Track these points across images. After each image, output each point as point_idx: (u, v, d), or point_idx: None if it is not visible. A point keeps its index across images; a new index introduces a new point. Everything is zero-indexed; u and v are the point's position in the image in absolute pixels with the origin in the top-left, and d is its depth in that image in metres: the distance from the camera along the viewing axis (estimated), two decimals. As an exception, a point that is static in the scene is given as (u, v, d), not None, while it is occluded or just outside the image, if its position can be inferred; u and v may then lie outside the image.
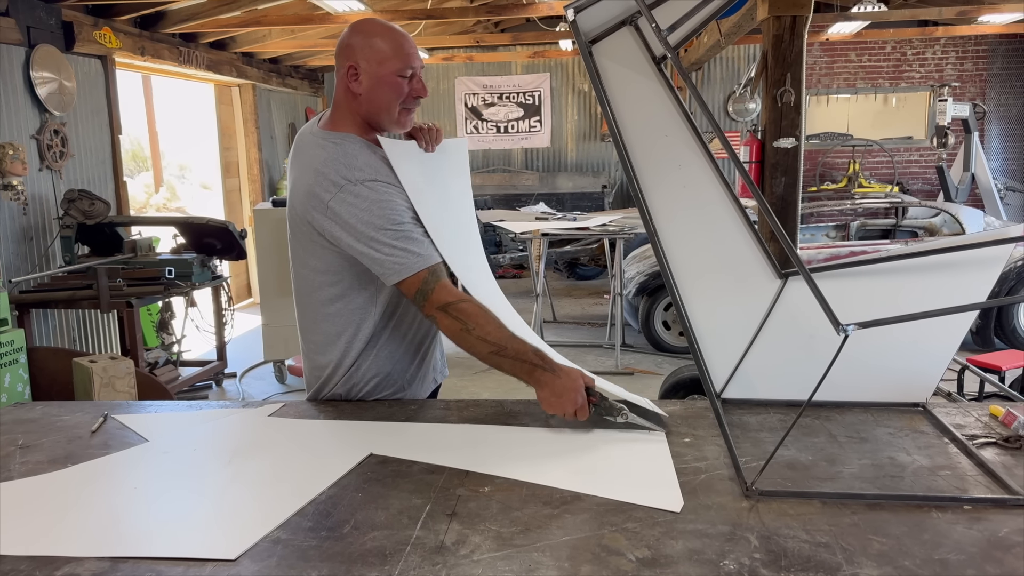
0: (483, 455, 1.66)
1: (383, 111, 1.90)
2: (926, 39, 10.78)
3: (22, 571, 1.23)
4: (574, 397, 1.71)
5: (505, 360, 1.75)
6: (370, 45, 1.86)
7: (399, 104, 1.90)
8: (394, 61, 1.86)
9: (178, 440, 1.79)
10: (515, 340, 1.76)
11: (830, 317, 1.35)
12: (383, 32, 1.88)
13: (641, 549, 1.25)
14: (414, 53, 1.90)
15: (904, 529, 1.30)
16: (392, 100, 1.89)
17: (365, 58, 1.86)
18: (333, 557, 1.25)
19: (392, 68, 1.86)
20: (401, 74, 1.87)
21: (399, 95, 1.89)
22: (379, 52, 1.86)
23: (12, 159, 4.77)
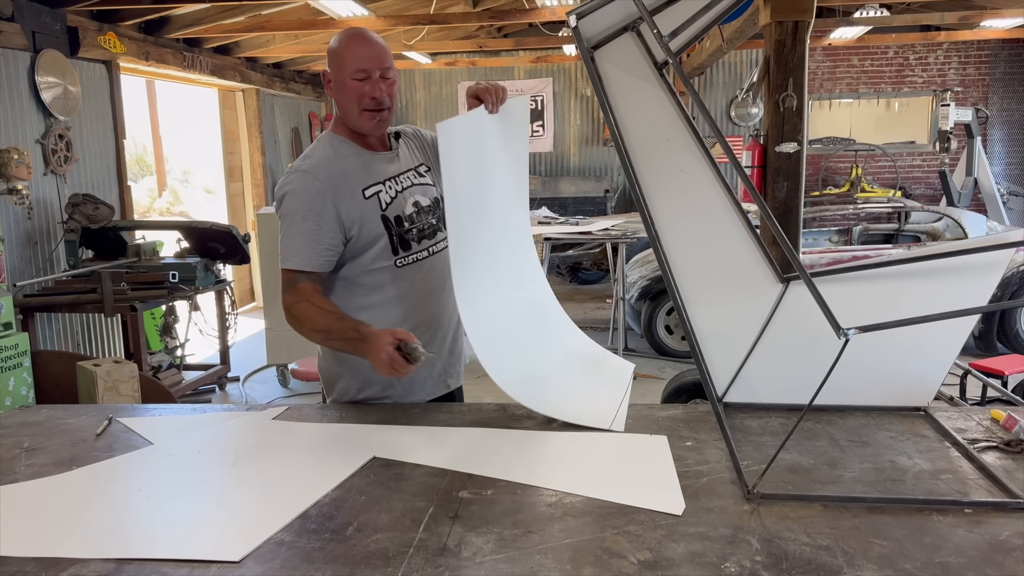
0: (485, 458, 1.67)
1: (347, 113, 2.04)
2: (929, 44, 10.79)
3: (28, 572, 1.24)
4: (382, 356, 1.75)
5: (335, 341, 1.93)
6: (334, 53, 2.01)
7: (358, 106, 2.00)
8: (348, 65, 1.97)
9: (182, 443, 1.80)
10: (340, 322, 1.89)
11: (831, 321, 1.35)
12: (346, 39, 2.00)
13: (643, 551, 1.26)
14: (371, 56, 1.98)
15: (905, 532, 1.31)
16: (350, 103, 2.01)
17: (331, 66, 2.02)
18: (337, 559, 1.26)
19: (348, 72, 1.98)
20: (355, 77, 1.97)
21: (356, 98, 1.99)
22: (338, 58, 1.99)
23: (17, 163, 4.79)
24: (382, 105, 2.01)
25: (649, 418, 1.90)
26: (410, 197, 2.08)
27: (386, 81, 2.00)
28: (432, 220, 2.11)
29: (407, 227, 2.05)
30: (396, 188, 2.07)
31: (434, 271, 2.10)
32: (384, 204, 2.03)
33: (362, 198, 2.00)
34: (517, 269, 2.15)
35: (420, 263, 2.08)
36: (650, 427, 1.83)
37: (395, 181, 2.08)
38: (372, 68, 1.97)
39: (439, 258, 2.10)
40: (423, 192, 2.11)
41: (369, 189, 2.03)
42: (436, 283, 2.09)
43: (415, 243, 2.07)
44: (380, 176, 2.06)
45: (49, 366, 4.44)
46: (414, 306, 2.07)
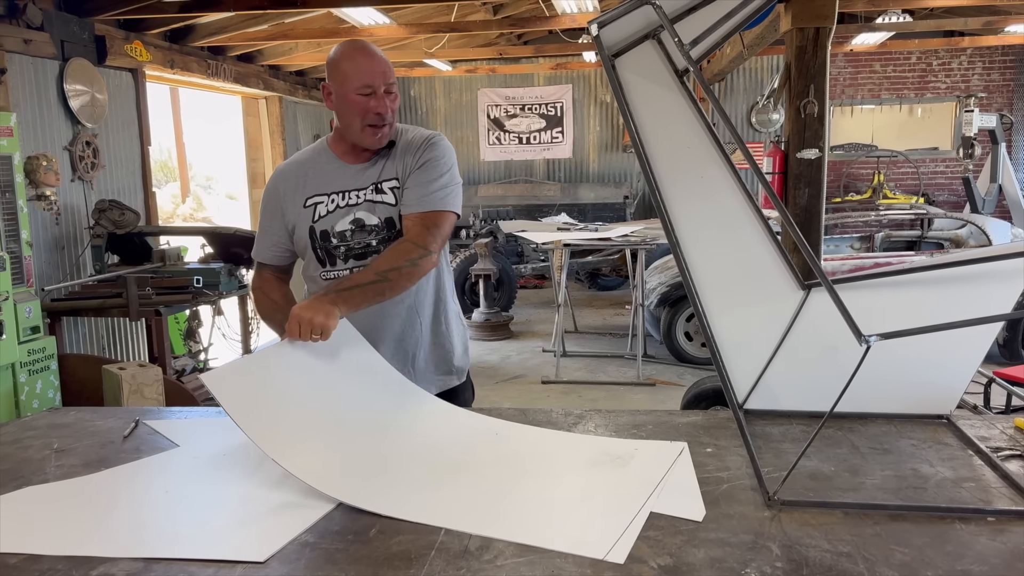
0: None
1: (348, 128, 2.04)
2: (952, 49, 10.70)
3: (59, 570, 1.27)
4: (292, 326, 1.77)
5: (274, 328, 2.06)
6: (335, 67, 2.00)
7: (361, 122, 2.00)
8: (352, 80, 1.96)
9: (208, 445, 1.82)
10: (276, 313, 2.04)
11: (852, 328, 1.35)
12: (348, 54, 1.99)
13: (663, 557, 1.27)
14: (376, 71, 1.97)
15: (926, 540, 1.31)
16: (353, 118, 2.00)
17: (332, 79, 2.01)
18: (360, 560, 1.28)
19: (351, 87, 1.97)
20: (360, 92, 1.97)
21: (360, 113, 1.98)
22: (341, 73, 1.98)
23: (46, 170, 4.87)
24: (385, 120, 2.01)
25: (669, 424, 1.90)
26: (351, 214, 2.05)
27: (389, 96, 2.00)
28: (371, 240, 2.05)
29: (334, 243, 2.05)
30: (340, 203, 2.05)
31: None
32: (317, 216, 2.06)
33: (302, 206, 2.08)
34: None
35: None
36: (670, 434, 1.83)
37: (343, 196, 2.06)
38: (377, 84, 1.97)
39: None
40: (372, 210, 2.05)
41: (312, 199, 2.07)
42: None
43: (341, 260, 2.07)
44: (331, 188, 2.07)
45: (75, 369, 4.51)
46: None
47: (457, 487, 1.55)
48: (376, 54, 2.00)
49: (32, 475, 1.68)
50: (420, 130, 2.16)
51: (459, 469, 1.64)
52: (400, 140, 2.11)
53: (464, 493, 1.52)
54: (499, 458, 1.70)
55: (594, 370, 6.38)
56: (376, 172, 2.09)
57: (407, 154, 2.09)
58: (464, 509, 1.44)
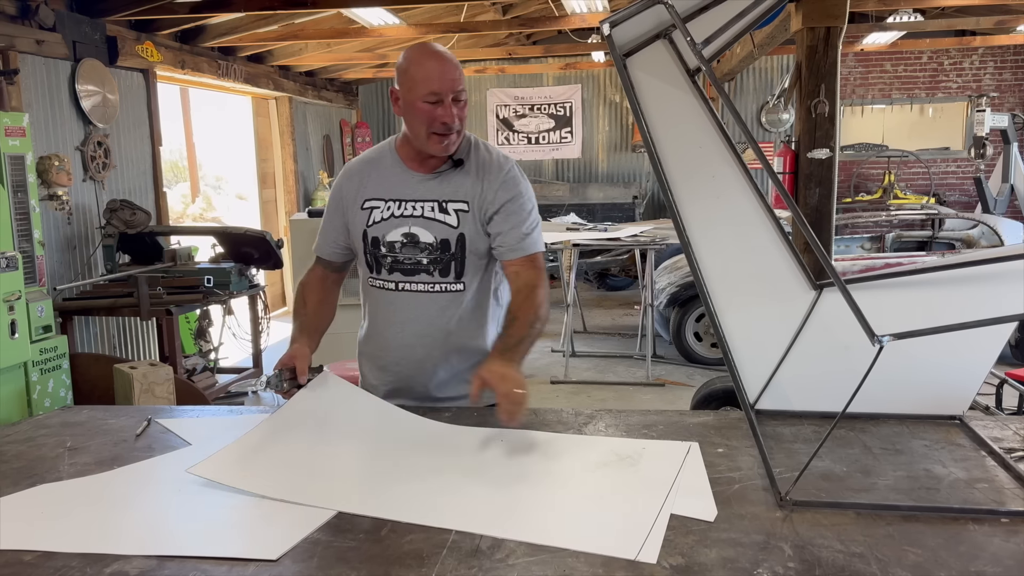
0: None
1: (415, 135, 1.98)
2: (963, 49, 10.64)
3: (74, 567, 1.27)
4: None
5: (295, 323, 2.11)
6: (405, 72, 1.94)
7: (427, 130, 1.93)
8: (419, 87, 1.90)
9: (219, 444, 1.83)
10: (297, 316, 2.11)
11: (865, 328, 1.35)
12: (418, 59, 1.93)
13: (675, 556, 1.27)
14: (444, 78, 1.90)
15: (940, 541, 1.30)
16: (419, 126, 1.94)
17: (400, 84, 1.96)
18: (372, 559, 1.28)
19: (418, 95, 1.91)
20: (427, 100, 1.90)
21: (426, 121, 1.92)
22: (410, 79, 1.93)
23: (58, 170, 4.90)
24: (452, 129, 1.94)
25: (680, 425, 1.90)
26: (405, 226, 2.00)
27: (458, 104, 1.93)
28: (422, 258, 2.00)
29: (383, 252, 2.02)
30: (395, 211, 2.01)
31: (396, 305, 2.04)
32: (371, 221, 2.03)
33: (359, 208, 2.06)
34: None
35: (386, 292, 2.05)
36: (681, 434, 1.83)
37: (400, 204, 2.02)
38: (445, 91, 1.90)
39: (407, 296, 2.02)
40: (428, 227, 2.00)
41: (369, 202, 2.05)
42: (397, 316, 2.04)
43: (386, 271, 2.03)
44: (390, 194, 2.03)
45: (87, 368, 4.54)
46: (378, 327, 2.10)
47: (469, 492, 1.54)
48: (446, 59, 1.93)
49: (46, 473, 1.69)
50: (493, 150, 2.10)
51: (469, 476, 1.63)
52: (472, 159, 2.04)
53: (477, 497, 1.52)
54: (509, 463, 1.69)
55: (603, 370, 6.38)
56: (441, 189, 2.02)
57: (482, 180, 2.02)
58: (478, 513, 1.44)
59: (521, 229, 2.02)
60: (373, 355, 2.14)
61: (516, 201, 2.03)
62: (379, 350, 2.11)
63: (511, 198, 2.02)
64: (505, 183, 2.03)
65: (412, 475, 1.64)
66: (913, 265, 1.92)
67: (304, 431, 1.80)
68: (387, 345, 2.08)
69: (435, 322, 2.03)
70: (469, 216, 2.01)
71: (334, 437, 1.80)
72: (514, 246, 2.01)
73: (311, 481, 1.60)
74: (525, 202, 2.05)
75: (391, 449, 1.78)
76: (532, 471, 1.64)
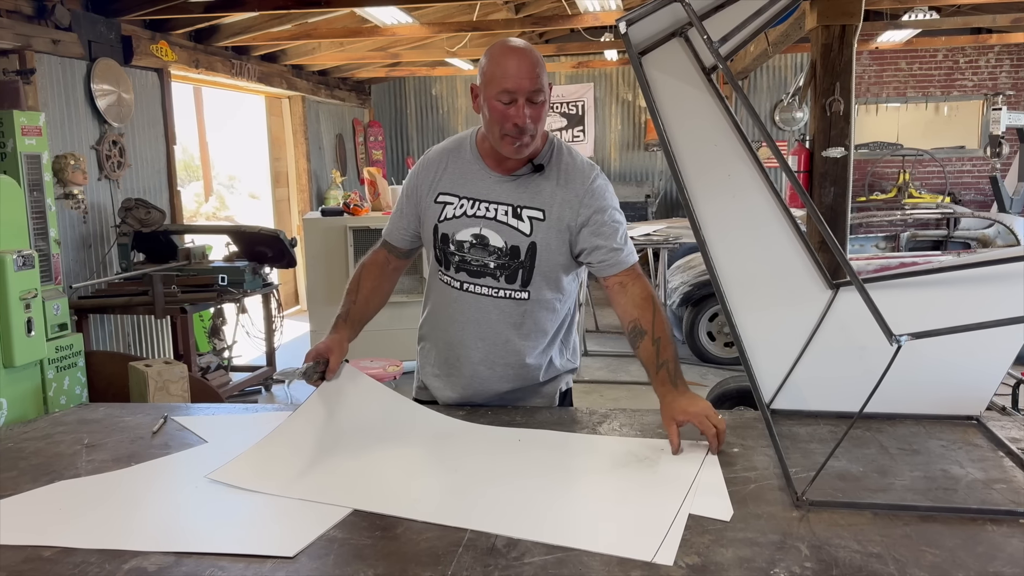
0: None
1: (490, 134, 1.91)
2: (979, 47, 10.55)
3: (92, 563, 1.28)
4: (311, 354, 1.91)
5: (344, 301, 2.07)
6: (484, 68, 1.87)
7: (499, 130, 1.86)
8: (492, 85, 1.83)
9: (236, 441, 1.84)
10: (343, 305, 2.04)
11: (883, 327, 1.34)
12: (497, 55, 1.85)
13: (691, 556, 1.26)
14: (520, 76, 1.80)
15: (957, 541, 1.29)
16: (492, 124, 1.87)
17: (481, 81, 1.88)
18: (388, 556, 1.28)
19: (491, 92, 1.83)
20: (498, 99, 1.82)
21: (499, 120, 1.84)
22: (486, 75, 1.85)
23: (74, 169, 4.93)
24: (525, 131, 1.84)
25: (695, 423, 1.89)
26: (476, 226, 1.95)
27: (533, 106, 1.83)
28: (487, 261, 1.95)
29: (451, 250, 1.97)
30: (468, 210, 1.96)
31: (458, 304, 2.00)
32: (443, 217, 1.98)
33: (433, 200, 2.00)
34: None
35: (451, 288, 2.01)
36: (697, 433, 1.82)
37: (473, 204, 1.96)
38: (519, 90, 1.81)
39: (470, 297, 1.98)
40: (499, 231, 1.94)
41: (443, 196, 1.99)
42: (458, 315, 2.01)
43: (453, 269, 1.99)
44: (465, 191, 1.97)
45: (102, 366, 4.57)
46: (442, 323, 2.07)
47: (485, 492, 1.54)
48: (524, 56, 1.83)
49: (64, 470, 1.71)
50: (578, 156, 2.02)
51: (485, 475, 1.63)
52: (554, 165, 1.97)
53: (493, 497, 1.52)
54: (525, 463, 1.69)
55: (616, 369, 6.37)
56: (518, 193, 1.95)
57: (563, 188, 1.95)
58: (494, 512, 1.44)
59: (618, 245, 1.95)
60: (433, 345, 2.12)
61: (606, 212, 1.95)
62: (445, 343, 2.07)
63: (599, 209, 1.94)
64: (591, 193, 1.95)
65: (428, 473, 1.65)
66: (929, 265, 1.91)
67: (322, 429, 1.80)
68: (445, 340, 2.06)
69: (495, 327, 1.99)
70: (544, 225, 1.93)
71: (351, 435, 1.80)
72: (614, 263, 1.94)
73: (329, 480, 1.60)
74: (614, 212, 1.97)
75: (407, 447, 1.78)
76: (549, 471, 1.64)
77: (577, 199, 1.94)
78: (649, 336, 1.88)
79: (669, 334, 1.91)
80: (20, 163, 4.36)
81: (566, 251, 1.96)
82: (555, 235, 1.93)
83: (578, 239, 1.95)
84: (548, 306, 2.00)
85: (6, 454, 1.82)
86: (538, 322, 2.01)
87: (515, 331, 1.99)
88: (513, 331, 1.99)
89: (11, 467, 1.73)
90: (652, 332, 1.88)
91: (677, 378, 1.83)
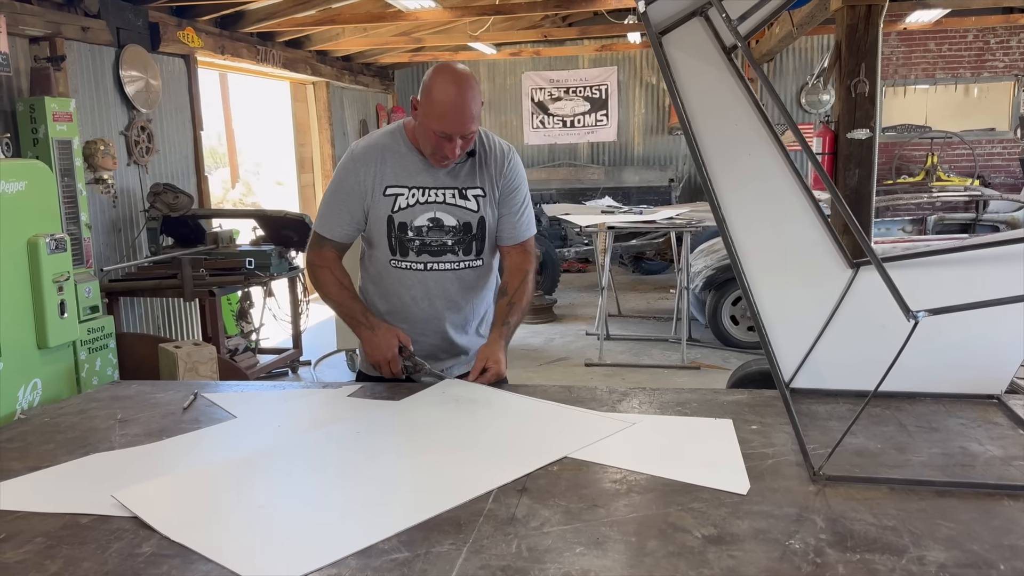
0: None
1: (422, 146, 2.11)
2: (1011, 27, 10.35)
3: (127, 530, 1.33)
4: (384, 351, 2.09)
5: (343, 314, 2.19)
6: (428, 94, 2.02)
7: (430, 150, 2.07)
8: (436, 122, 2.00)
9: (263, 417, 1.89)
10: (351, 301, 2.18)
11: (899, 303, 1.35)
12: (444, 89, 1.99)
13: (707, 527, 1.29)
14: (457, 123, 1.99)
15: (973, 515, 1.31)
16: (425, 143, 2.08)
17: (421, 102, 2.04)
18: (410, 526, 1.32)
19: (432, 124, 2.01)
20: (439, 134, 2.01)
21: (433, 146, 2.05)
22: (430, 105, 2.01)
23: (103, 154, 5.01)
24: (453, 160, 2.09)
25: (714, 402, 1.92)
26: (430, 211, 2.14)
27: (465, 139, 2.04)
28: (447, 240, 2.15)
29: (410, 236, 2.14)
30: (420, 199, 2.14)
31: (424, 283, 2.18)
32: (397, 207, 2.13)
33: (381, 194, 2.14)
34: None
35: (412, 272, 2.17)
36: (715, 411, 1.85)
37: (423, 192, 2.14)
38: (455, 133, 2.01)
39: (435, 275, 2.17)
40: (451, 212, 2.15)
41: (392, 188, 2.14)
42: (424, 293, 2.19)
43: (413, 253, 2.15)
44: (411, 181, 2.14)
45: (132, 348, 4.66)
46: (399, 304, 2.21)
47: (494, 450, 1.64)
48: (464, 100, 1.99)
49: (98, 443, 1.76)
50: (495, 139, 2.24)
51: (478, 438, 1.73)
52: (479, 148, 2.18)
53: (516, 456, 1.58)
54: (545, 442, 1.74)
55: (638, 353, 6.38)
56: (458, 178, 2.16)
57: (490, 165, 2.19)
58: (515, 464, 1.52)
59: (516, 219, 2.23)
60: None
61: (516, 190, 2.23)
62: (403, 321, 2.20)
63: (515, 189, 2.23)
64: (509, 172, 2.22)
65: (433, 465, 1.60)
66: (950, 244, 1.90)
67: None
68: (414, 319, 2.20)
69: (460, 295, 2.22)
70: (486, 200, 2.18)
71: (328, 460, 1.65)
72: (508, 235, 2.24)
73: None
74: (521, 190, 2.25)
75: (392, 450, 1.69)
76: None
77: (499, 174, 2.20)
78: (507, 298, 2.22)
79: (524, 308, 2.23)
80: (52, 148, 4.45)
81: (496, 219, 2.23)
82: (491, 207, 2.20)
83: (500, 212, 2.23)
84: (491, 267, 2.29)
85: (43, 428, 1.88)
86: (488, 282, 2.29)
87: (476, 294, 2.26)
88: (475, 295, 2.25)
89: (48, 440, 1.79)
90: (511, 296, 2.22)
91: (506, 336, 2.17)
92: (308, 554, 1.22)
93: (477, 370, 2.09)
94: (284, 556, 1.23)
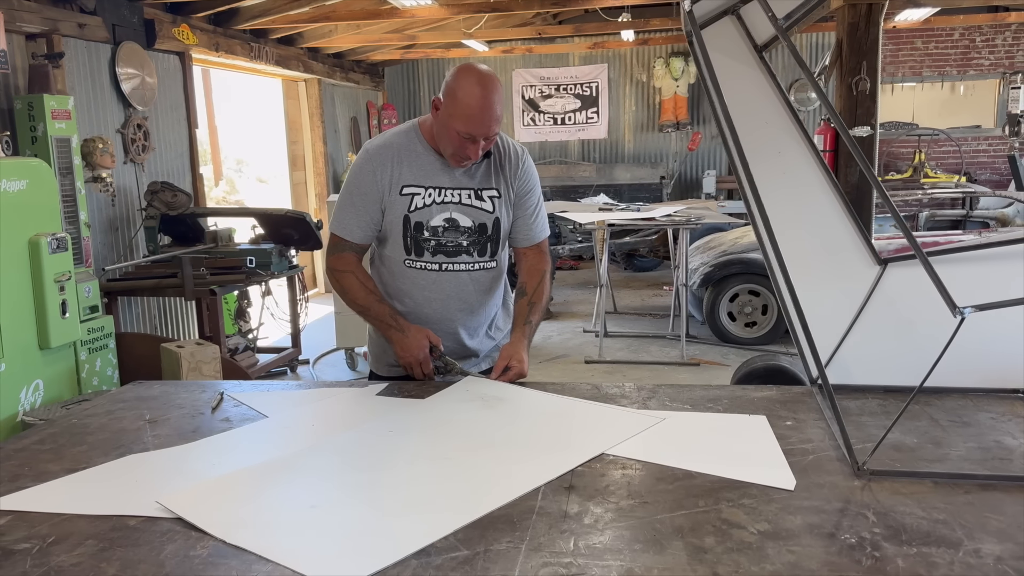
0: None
1: (442, 147, 2.11)
2: (996, 25, 10.46)
3: (177, 531, 1.33)
4: (416, 352, 2.09)
5: (371, 318, 2.18)
6: (453, 95, 2.01)
7: (451, 150, 2.07)
8: (456, 120, 2.00)
9: (295, 415, 1.88)
10: (378, 304, 2.15)
11: (947, 300, 1.37)
12: (469, 91, 1.99)
13: (761, 523, 1.30)
14: (484, 122, 1.99)
15: (1020, 508, 1.33)
16: (447, 145, 2.07)
17: (445, 103, 2.03)
18: (467, 524, 1.32)
19: (454, 123, 2.01)
20: (459, 132, 2.01)
21: (455, 147, 2.05)
22: (455, 106, 2.00)
23: (102, 152, 4.97)
24: (474, 160, 2.09)
25: (745, 399, 1.93)
26: (446, 211, 2.14)
27: (488, 140, 2.05)
28: (462, 241, 2.15)
29: (426, 236, 2.14)
30: (436, 199, 2.13)
31: (438, 284, 2.17)
32: (413, 207, 2.12)
33: (398, 193, 2.13)
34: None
35: (427, 272, 2.17)
36: (747, 407, 1.86)
37: (440, 192, 2.13)
38: (480, 135, 2.01)
39: (450, 275, 2.17)
40: (467, 213, 2.15)
41: (408, 188, 2.13)
42: (438, 294, 2.18)
43: (429, 253, 2.15)
44: (427, 181, 2.13)
45: (132, 348, 4.62)
46: (412, 305, 2.20)
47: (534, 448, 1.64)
48: (490, 101, 2.00)
49: (131, 444, 1.75)
50: (510, 140, 2.25)
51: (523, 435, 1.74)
52: (494, 150, 2.18)
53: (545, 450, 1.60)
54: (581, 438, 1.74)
55: (636, 350, 6.40)
56: (474, 179, 2.16)
57: (504, 168, 2.20)
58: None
59: (531, 220, 2.26)
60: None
61: (531, 192, 2.25)
62: (418, 321, 2.18)
63: (529, 190, 2.24)
64: (524, 173, 2.23)
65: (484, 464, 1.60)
66: (950, 244, 1.93)
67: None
68: (426, 319, 2.18)
69: (474, 296, 2.22)
70: (501, 201, 2.19)
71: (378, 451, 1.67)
72: (524, 236, 2.26)
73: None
74: (536, 191, 2.27)
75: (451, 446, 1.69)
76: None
77: (514, 176, 2.21)
78: (527, 297, 2.24)
79: (543, 303, 2.26)
80: (51, 147, 4.40)
81: (511, 221, 2.24)
82: (506, 209, 2.20)
83: (515, 215, 2.25)
84: (503, 270, 2.29)
85: (72, 430, 1.86)
86: (499, 285, 2.30)
87: (488, 297, 2.26)
88: (487, 297, 2.25)
89: (79, 442, 1.78)
90: (531, 296, 2.24)
91: (528, 335, 2.18)
92: (370, 554, 1.22)
93: (500, 368, 2.10)
94: (347, 556, 1.23)
